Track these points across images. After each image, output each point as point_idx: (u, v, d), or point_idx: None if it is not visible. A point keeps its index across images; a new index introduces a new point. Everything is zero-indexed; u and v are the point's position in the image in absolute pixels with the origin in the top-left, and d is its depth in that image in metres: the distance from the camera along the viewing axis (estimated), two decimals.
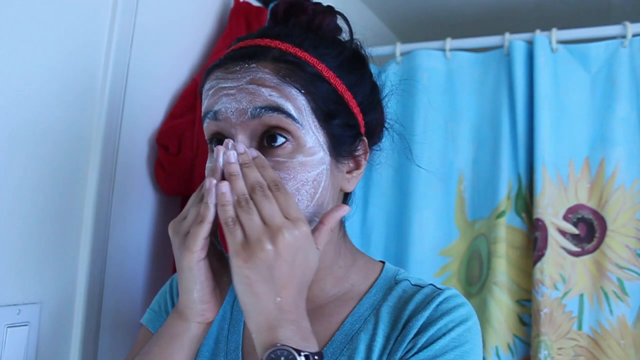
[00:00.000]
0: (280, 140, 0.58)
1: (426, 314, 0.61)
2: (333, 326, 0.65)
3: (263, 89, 0.57)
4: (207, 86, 0.62)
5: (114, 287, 1.00)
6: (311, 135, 0.59)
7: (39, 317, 0.85)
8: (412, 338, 0.60)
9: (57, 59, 0.87)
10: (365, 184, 1.44)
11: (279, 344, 0.50)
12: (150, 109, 1.08)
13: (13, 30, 0.80)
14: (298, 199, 0.58)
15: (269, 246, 0.50)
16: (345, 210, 0.59)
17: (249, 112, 0.57)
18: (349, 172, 0.65)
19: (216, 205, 0.54)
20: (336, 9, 0.68)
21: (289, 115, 0.57)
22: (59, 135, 0.88)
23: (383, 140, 0.73)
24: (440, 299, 0.63)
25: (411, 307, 0.63)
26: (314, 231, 0.56)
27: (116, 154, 0.98)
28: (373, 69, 0.70)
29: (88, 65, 0.93)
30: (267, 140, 0.58)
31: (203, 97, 0.62)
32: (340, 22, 0.68)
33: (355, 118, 0.64)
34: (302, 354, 0.50)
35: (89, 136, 0.94)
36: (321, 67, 0.60)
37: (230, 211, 0.53)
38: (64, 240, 0.91)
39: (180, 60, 1.15)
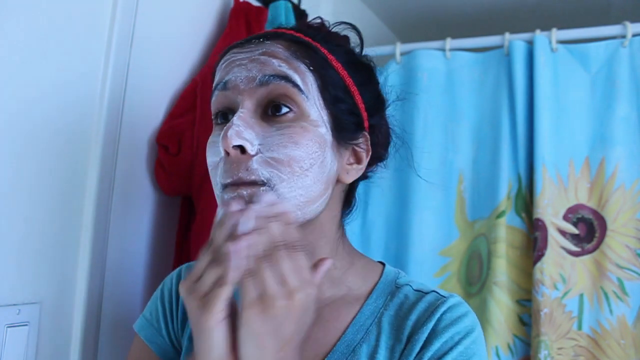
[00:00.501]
0: (284, 109, 0.58)
1: (430, 325, 0.61)
2: (333, 334, 0.64)
3: (274, 60, 0.59)
4: (220, 63, 0.63)
5: (114, 287, 1.00)
6: (315, 109, 0.59)
7: (39, 317, 0.85)
8: (418, 352, 0.60)
9: (57, 59, 0.87)
10: (366, 184, 1.44)
11: None
12: (150, 109, 1.08)
13: (13, 30, 0.80)
14: (304, 176, 0.57)
15: (284, 303, 0.51)
16: (328, 264, 0.58)
17: (257, 79, 0.58)
18: (349, 164, 0.65)
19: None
20: (350, 24, 0.69)
21: (295, 85, 0.58)
22: (59, 136, 0.88)
23: (388, 155, 0.73)
24: (444, 308, 0.62)
25: (414, 317, 0.62)
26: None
27: (116, 154, 0.98)
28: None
29: (88, 66, 0.93)
30: (271, 109, 0.59)
31: (216, 74, 0.63)
32: (352, 34, 0.69)
33: (359, 109, 0.64)
34: None
35: (89, 136, 0.94)
36: (331, 57, 0.62)
37: (250, 265, 0.52)
38: (64, 240, 0.91)
39: (180, 60, 1.15)
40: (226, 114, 0.61)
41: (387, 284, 0.68)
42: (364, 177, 0.72)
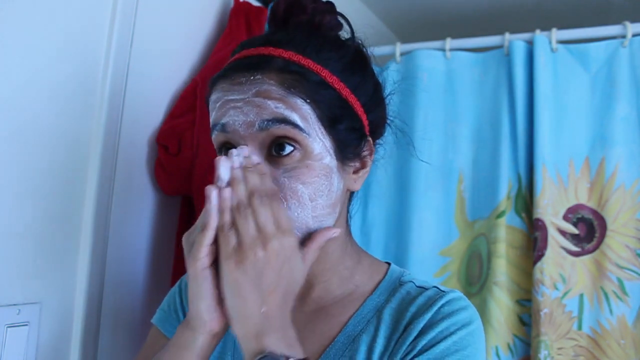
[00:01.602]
0: (289, 149, 0.59)
1: (427, 316, 0.61)
2: (336, 327, 0.65)
3: (269, 102, 0.58)
4: (213, 97, 0.62)
5: (114, 287, 1.00)
6: (318, 142, 0.60)
7: (39, 317, 0.85)
8: (413, 340, 0.60)
9: (57, 59, 0.87)
10: (366, 183, 1.44)
11: (266, 351, 0.51)
12: (150, 109, 1.08)
13: (13, 30, 0.80)
14: (313, 205, 0.59)
15: (260, 252, 0.52)
16: (335, 232, 0.61)
17: (256, 125, 0.58)
18: (355, 172, 0.66)
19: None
20: (338, 11, 0.69)
21: (295, 125, 0.58)
22: (59, 135, 0.88)
23: (385, 135, 0.73)
24: (442, 301, 0.62)
25: (413, 309, 0.63)
26: (303, 246, 0.58)
27: (116, 154, 0.98)
28: (374, 69, 0.70)
29: (88, 65, 0.93)
30: (275, 149, 0.59)
31: (210, 108, 0.63)
32: (340, 19, 0.68)
33: (359, 120, 0.64)
34: (290, 359, 0.51)
35: (89, 136, 0.94)
36: (325, 74, 0.61)
37: (228, 216, 0.54)
38: (64, 241, 0.91)
39: (180, 60, 1.15)
40: (229, 149, 0.61)
41: (392, 282, 0.68)
42: None
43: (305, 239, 0.59)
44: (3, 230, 0.80)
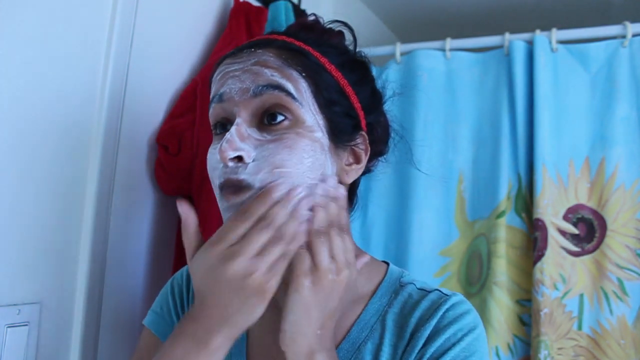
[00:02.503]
0: (280, 118, 0.59)
1: (433, 322, 0.62)
2: (339, 331, 0.65)
3: (266, 70, 0.60)
4: (215, 74, 0.64)
5: (114, 287, 1.00)
6: (310, 115, 0.60)
7: (39, 317, 0.85)
8: (421, 348, 0.61)
9: (57, 59, 0.87)
10: (366, 183, 1.44)
11: None
12: (150, 109, 1.08)
13: (13, 30, 0.80)
14: (299, 169, 0.58)
15: (332, 278, 0.55)
16: (367, 259, 0.65)
17: (251, 90, 0.59)
18: (348, 164, 0.66)
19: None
20: (343, 22, 0.70)
21: (288, 93, 0.59)
22: (59, 135, 0.88)
23: (388, 150, 0.74)
24: (446, 306, 0.63)
25: (417, 313, 0.63)
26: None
27: (116, 154, 0.98)
28: (373, 70, 0.70)
29: (88, 66, 0.93)
30: (267, 118, 0.60)
31: (212, 85, 0.64)
32: (347, 35, 0.70)
33: (355, 111, 0.64)
34: None
35: (89, 136, 0.94)
36: (324, 60, 0.63)
37: (305, 237, 0.56)
38: (64, 240, 0.91)
39: (180, 60, 1.15)
40: (224, 125, 0.62)
41: (392, 283, 0.68)
42: (366, 171, 0.73)
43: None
44: (3, 230, 0.80)
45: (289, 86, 0.59)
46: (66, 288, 0.91)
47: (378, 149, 0.70)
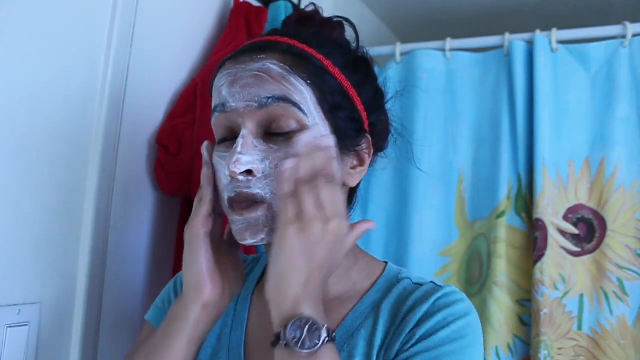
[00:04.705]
0: (285, 128, 0.59)
1: (424, 308, 0.61)
2: (334, 323, 0.65)
3: (270, 79, 0.59)
4: (217, 79, 0.63)
5: (114, 287, 1.00)
6: (316, 123, 0.60)
7: (39, 317, 0.85)
8: (410, 330, 0.60)
9: (57, 59, 0.87)
10: (366, 183, 1.44)
11: (303, 315, 0.52)
12: (150, 109, 1.08)
13: (13, 30, 0.80)
14: None
15: (320, 227, 0.54)
16: (374, 225, 0.63)
17: (256, 102, 0.59)
18: (352, 168, 0.66)
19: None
20: (343, 17, 0.70)
21: (294, 104, 0.59)
22: (59, 136, 0.88)
23: (387, 145, 0.74)
24: (439, 294, 0.62)
25: (410, 302, 0.63)
26: (350, 228, 0.59)
27: (116, 154, 0.98)
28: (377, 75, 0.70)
29: (88, 65, 0.93)
30: (273, 128, 0.60)
31: (213, 91, 0.64)
32: (348, 29, 0.70)
33: (359, 113, 0.65)
34: (325, 325, 0.52)
35: (89, 136, 0.94)
36: (327, 63, 0.62)
37: (290, 185, 0.56)
38: (64, 240, 0.91)
39: (180, 60, 1.15)
40: (228, 134, 0.62)
41: (389, 279, 0.69)
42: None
43: None
44: (3, 230, 0.80)
45: (294, 96, 0.59)
46: (66, 288, 0.91)
47: (378, 145, 0.70)
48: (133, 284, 1.06)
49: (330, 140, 0.60)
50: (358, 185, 0.72)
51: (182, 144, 1.08)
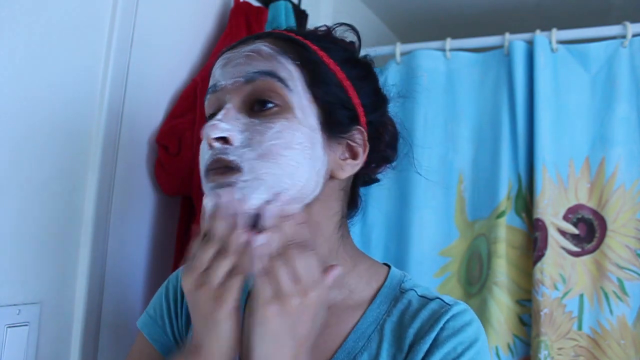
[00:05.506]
0: (270, 105, 0.59)
1: (433, 335, 0.59)
2: (334, 340, 0.63)
3: (259, 57, 0.60)
4: (214, 66, 0.64)
5: (114, 287, 1.00)
6: (301, 103, 0.59)
7: (39, 317, 0.85)
8: None
9: (57, 59, 0.87)
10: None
11: None
12: (150, 109, 1.08)
13: (13, 30, 0.80)
14: (287, 157, 0.57)
15: (298, 301, 0.52)
16: (338, 271, 0.57)
17: (242, 77, 0.59)
18: (343, 159, 0.63)
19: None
20: (346, 24, 0.69)
21: (280, 79, 0.59)
22: (59, 136, 0.88)
23: (397, 156, 0.72)
24: (447, 317, 0.60)
25: (417, 324, 0.61)
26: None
27: (116, 154, 0.98)
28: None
29: (88, 66, 0.93)
30: (257, 105, 0.59)
31: (210, 78, 0.64)
32: (351, 35, 0.69)
33: (352, 104, 0.63)
34: None
35: (89, 136, 0.94)
36: (322, 54, 0.62)
37: (264, 263, 0.53)
38: (64, 240, 0.91)
39: (180, 60, 1.15)
40: (216, 114, 0.61)
41: (392, 288, 0.66)
42: (375, 180, 0.72)
43: (270, 201, 0.56)
44: (3, 230, 0.80)
45: (280, 72, 0.59)
46: (66, 288, 0.91)
47: (385, 153, 0.69)
48: (133, 283, 1.06)
49: (296, 207, 0.57)
50: (358, 185, 0.71)
51: (182, 144, 1.08)
